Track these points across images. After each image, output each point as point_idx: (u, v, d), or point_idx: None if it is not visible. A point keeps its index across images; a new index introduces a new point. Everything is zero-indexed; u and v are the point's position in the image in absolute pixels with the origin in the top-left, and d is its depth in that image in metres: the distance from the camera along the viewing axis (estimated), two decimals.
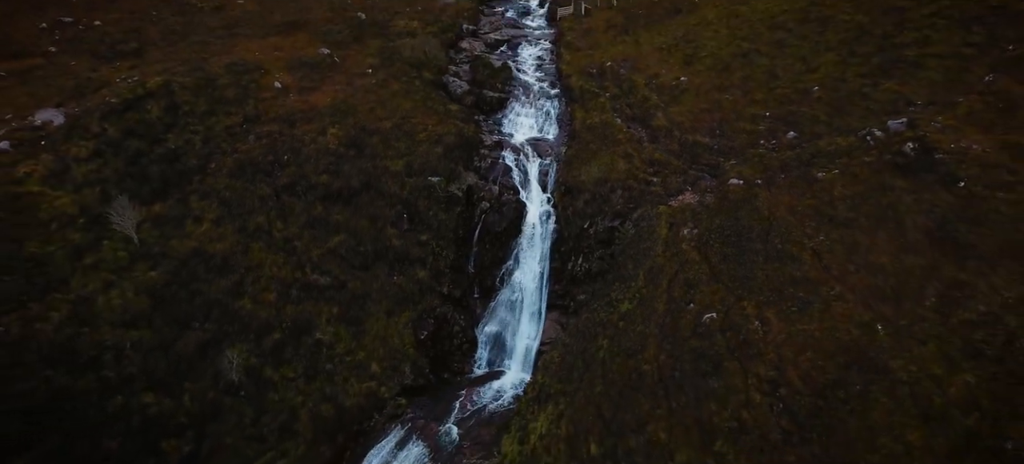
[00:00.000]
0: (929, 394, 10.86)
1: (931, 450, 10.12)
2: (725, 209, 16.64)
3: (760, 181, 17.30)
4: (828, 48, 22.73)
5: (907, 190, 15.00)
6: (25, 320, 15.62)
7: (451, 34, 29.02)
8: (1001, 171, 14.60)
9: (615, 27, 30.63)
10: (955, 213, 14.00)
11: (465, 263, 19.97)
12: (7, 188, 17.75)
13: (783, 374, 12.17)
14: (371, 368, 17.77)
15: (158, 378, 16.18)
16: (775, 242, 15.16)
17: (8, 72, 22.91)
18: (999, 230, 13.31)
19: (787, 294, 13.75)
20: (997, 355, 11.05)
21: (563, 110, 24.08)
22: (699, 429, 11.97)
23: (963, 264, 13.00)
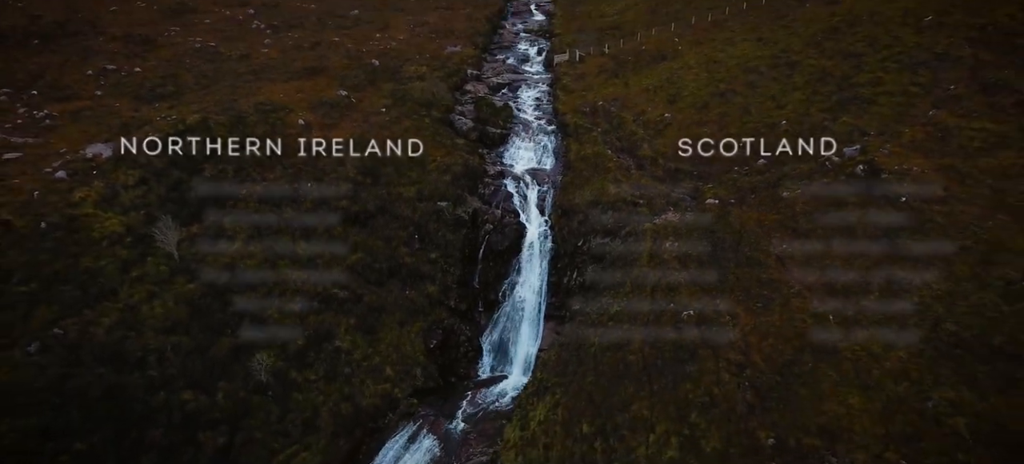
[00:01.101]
0: (868, 368, 12.75)
1: (867, 411, 11.94)
2: (702, 225, 18.79)
3: (733, 200, 19.54)
4: (795, 88, 25.45)
5: (857, 205, 17.23)
6: (81, 324, 17.51)
7: (457, 78, 31.91)
8: (935, 187, 16.87)
9: (606, 71, 33.61)
10: (895, 221, 16.18)
11: (471, 279, 21.99)
12: (65, 211, 19.91)
13: (748, 357, 14.05)
14: (385, 372, 19.53)
15: (195, 378, 17.93)
16: (745, 251, 17.26)
17: (61, 113, 25.50)
18: (932, 236, 15.46)
19: (754, 293, 15.76)
20: (925, 336, 13.01)
21: (559, 144, 26.60)
22: (676, 405, 13.75)
23: (902, 265, 15.08)
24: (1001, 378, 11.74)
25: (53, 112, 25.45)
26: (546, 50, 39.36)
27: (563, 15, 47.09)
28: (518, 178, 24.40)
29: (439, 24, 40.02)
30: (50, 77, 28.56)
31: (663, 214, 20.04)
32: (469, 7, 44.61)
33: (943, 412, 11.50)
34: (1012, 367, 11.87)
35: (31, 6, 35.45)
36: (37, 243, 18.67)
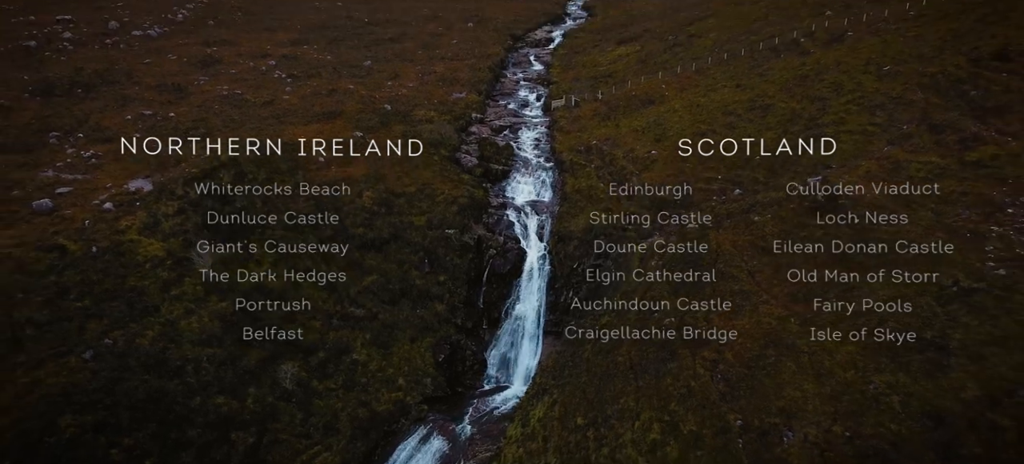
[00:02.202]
0: (822, 360, 14.76)
1: (819, 394, 13.89)
2: (683, 245, 21.04)
3: (712, 225, 21.86)
4: (768, 128, 28.19)
5: (818, 225, 19.54)
6: (128, 336, 19.52)
7: (462, 121, 34.80)
8: (884, 210, 19.21)
9: (599, 115, 36.57)
10: (850, 239, 18.45)
11: (476, 299, 24.07)
12: (112, 237, 22.21)
13: (721, 355, 16.06)
14: (398, 382, 21.39)
15: (227, 385, 19.81)
16: (720, 267, 19.44)
17: (105, 152, 28.16)
18: (879, 250, 17.70)
19: (728, 301, 17.85)
20: (870, 331, 15.06)
21: (556, 178, 29.16)
22: (659, 397, 15.66)
23: (854, 274, 17.25)
24: (930, 365, 13.75)
25: (98, 152, 28.14)
26: (544, 96, 42.56)
27: (560, 65, 50.69)
28: (519, 209, 26.83)
29: (446, 73, 43.41)
30: (93, 121, 31.43)
31: (649, 238, 22.33)
32: (473, 58, 48.23)
33: (882, 393, 13.47)
34: (940, 356, 13.89)
35: (74, 59, 38.84)
36: (89, 265, 20.88)
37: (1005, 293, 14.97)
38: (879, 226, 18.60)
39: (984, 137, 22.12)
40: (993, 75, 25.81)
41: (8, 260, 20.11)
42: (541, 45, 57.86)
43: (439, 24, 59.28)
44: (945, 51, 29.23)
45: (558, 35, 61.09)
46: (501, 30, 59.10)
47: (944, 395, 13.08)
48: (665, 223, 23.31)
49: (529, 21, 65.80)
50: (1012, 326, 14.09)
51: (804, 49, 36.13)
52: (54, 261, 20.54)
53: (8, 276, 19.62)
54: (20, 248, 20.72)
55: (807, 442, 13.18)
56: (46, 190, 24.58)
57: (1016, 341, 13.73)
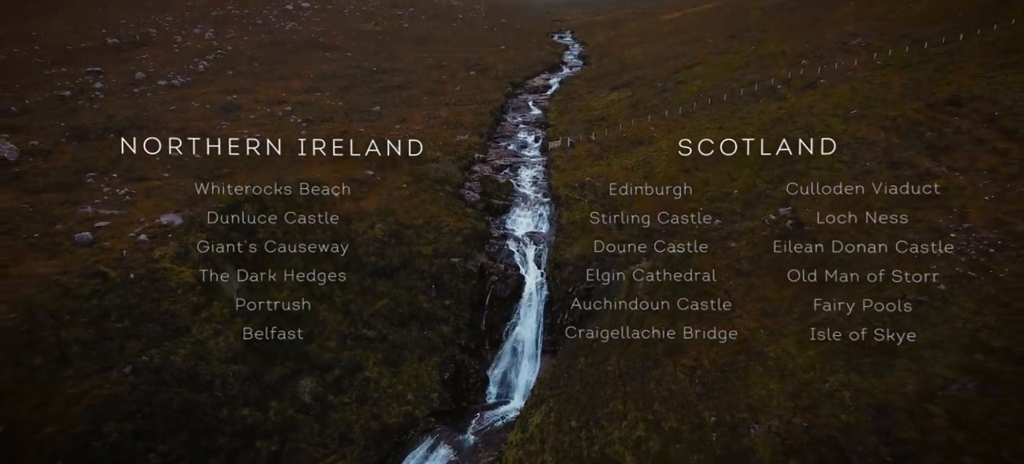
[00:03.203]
0: (785, 364, 16.72)
1: (782, 392, 15.81)
2: (668, 269, 23.20)
3: (693, 251, 24.08)
4: (747, 166, 30.72)
5: (786, 249, 21.76)
6: (162, 354, 21.46)
7: (466, 160, 37.48)
8: (845, 235, 21.47)
9: (593, 155, 39.30)
10: (814, 261, 20.63)
11: (478, 322, 26.03)
12: (148, 265, 24.38)
13: (699, 363, 18.01)
14: (407, 397, 23.15)
15: (252, 398, 21.61)
16: (701, 289, 21.56)
17: (137, 190, 30.63)
18: (839, 270, 19.84)
19: (705, 318, 19.90)
20: (829, 339, 17.07)
21: (552, 212, 31.55)
22: (644, 400, 17.51)
23: (816, 291, 19.36)
24: (878, 366, 15.72)
25: (132, 190, 30.60)
26: (542, 138, 45.49)
27: (557, 110, 53.97)
28: (518, 239, 29.08)
29: (450, 117, 46.50)
30: (125, 164, 34.04)
31: (638, 262, 24.50)
32: (475, 103, 51.50)
33: (835, 390, 15.39)
34: (886, 358, 15.87)
35: (106, 107, 41.93)
36: (128, 290, 22.98)
37: (944, 305, 17.08)
38: (840, 251, 20.81)
39: (936, 172, 24.59)
40: (946, 118, 28.57)
41: (56, 286, 22.22)
42: (539, 91, 61.41)
43: (443, 72, 63.06)
44: (906, 97, 32.16)
45: (555, 82, 64.78)
46: (501, 78, 62.82)
47: (888, 390, 15.01)
48: (651, 250, 25.53)
49: (528, 69, 69.76)
50: (948, 332, 16.14)
51: (781, 95, 39.19)
52: (96, 287, 22.64)
53: (56, 300, 21.71)
54: (66, 275, 22.86)
55: (770, 432, 15.02)
56: (86, 224, 26.85)
57: (951, 344, 15.77)
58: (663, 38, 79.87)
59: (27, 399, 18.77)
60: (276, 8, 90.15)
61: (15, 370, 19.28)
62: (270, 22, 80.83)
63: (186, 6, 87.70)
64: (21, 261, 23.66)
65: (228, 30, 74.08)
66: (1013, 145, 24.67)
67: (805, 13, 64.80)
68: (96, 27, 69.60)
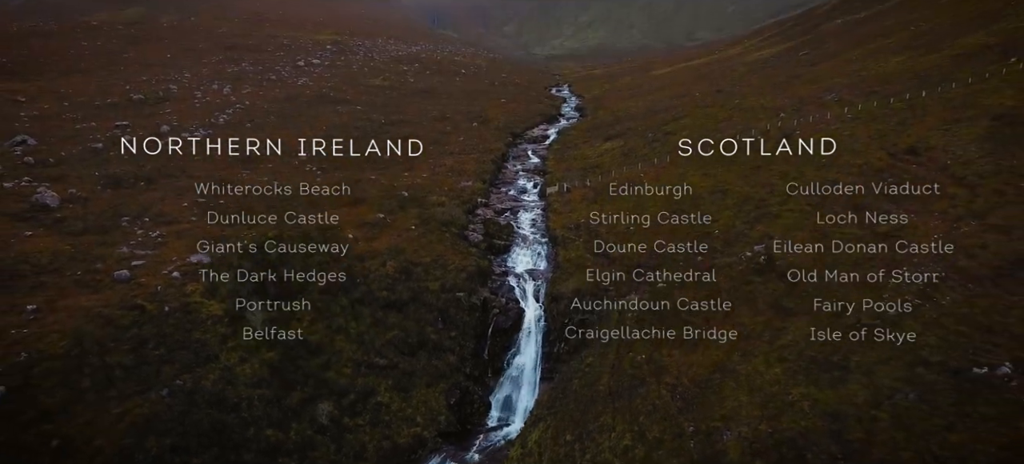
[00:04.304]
0: (754, 379, 18.93)
1: (751, 404, 17.97)
2: (653, 301, 25.57)
3: (676, 282, 26.51)
4: (726, 208, 33.54)
5: (759, 282, 24.23)
6: (194, 378, 23.59)
7: (470, 204, 40.36)
8: (811, 270, 23.99)
9: (587, 199, 42.20)
10: (783, 293, 23.07)
11: (482, 351, 28.18)
12: (181, 299, 26.76)
13: (680, 380, 20.19)
14: (416, 419, 25.10)
15: (275, 420, 23.59)
16: (682, 314, 23.91)
17: (168, 232, 33.31)
18: (806, 300, 22.27)
19: (686, 341, 22.18)
20: (793, 357, 19.33)
21: (550, 251, 34.14)
22: (630, 413, 19.60)
23: (785, 321, 21.72)
24: (834, 380, 17.94)
25: (163, 232, 33.28)
26: (540, 184, 48.59)
27: (554, 158, 57.39)
28: (518, 276, 31.56)
29: (454, 166, 49.76)
30: (155, 209, 36.85)
31: (627, 296, 26.89)
32: (478, 152, 54.95)
33: (796, 400, 17.57)
34: (842, 374, 18.11)
35: (136, 159, 45.22)
36: (163, 321, 25.30)
37: (893, 327, 19.44)
38: (806, 282, 23.30)
39: (894, 213, 27.33)
40: (905, 165, 31.62)
41: (99, 318, 24.58)
42: (538, 141, 65.15)
43: (447, 124, 66.98)
44: (871, 147, 35.35)
45: (553, 133, 68.64)
46: (502, 129, 66.71)
47: (841, 401, 17.22)
48: (639, 283, 27.97)
49: (527, 121, 73.88)
50: (895, 351, 18.46)
51: None
52: (135, 318, 24.99)
53: (101, 330, 24.05)
54: (108, 308, 25.24)
55: (740, 437, 17.11)
56: (123, 263, 29.37)
57: (897, 360, 18.06)
58: (654, 92, 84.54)
59: (78, 416, 20.89)
60: (289, 64, 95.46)
61: (67, 391, 21.46)
62: (284, 78, 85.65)
63: (203, 63, 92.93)
64: (68, 296, 26.12)
65: (244, 85, 78.65)
66: (961, 190, 27.54)
67: (786, 71, 69.39)
68: (120, 84, 74.02)
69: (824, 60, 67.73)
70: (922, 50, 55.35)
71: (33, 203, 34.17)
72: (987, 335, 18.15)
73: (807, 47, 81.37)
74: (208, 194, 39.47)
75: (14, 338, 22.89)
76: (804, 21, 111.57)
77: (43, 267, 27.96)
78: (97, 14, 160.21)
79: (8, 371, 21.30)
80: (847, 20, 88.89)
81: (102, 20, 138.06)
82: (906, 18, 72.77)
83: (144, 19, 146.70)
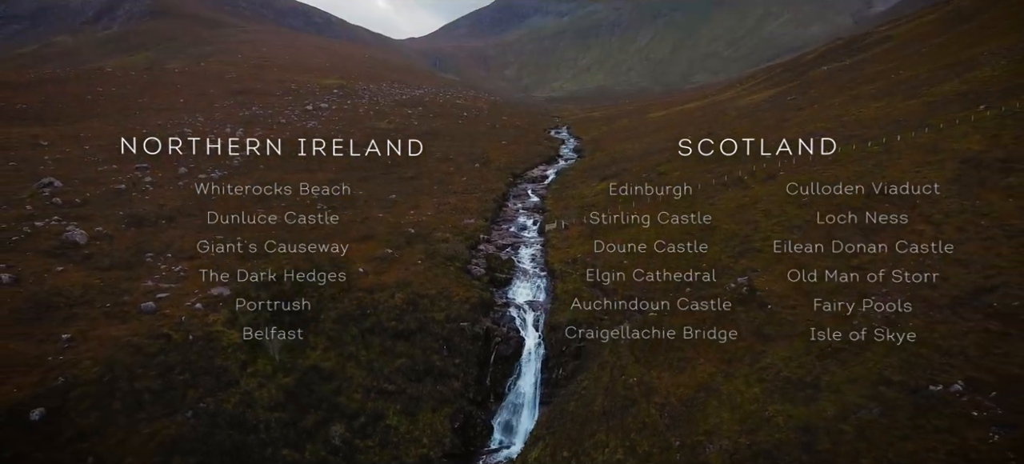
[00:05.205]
0: (736, 398, 20.70)
1: (732, 419, 19.70)
2: (645, 328, 27.46)
3: (666, 311, 28.44)
4: (714, 244, 35.74)
5: (742, 311, 26.18)
6: (216, 401, 25.30)
7: (472, 241, 42.56)
8: (790, 300, 25.99)
9: (584, 236, 44.43)
10: (764, 320, 25.00)
11: (484, 378, 29.84)
12: (203, 328, 28.66)
13: (668, 400, 21.92)
14: (423, 441, 26.60)
15: (291, 441, 25.14)
16: (671, 343, 25.76)
17: (190, 267, 35.42)
18: (784, 327, 24.19)
19: (675, 364, 23.99)
20: (771, 378, 21.15)
21: (549, 284, 36.13)
22: (623, 431, 21.26)
23: (765, 345, 23.59)
24: (806, 397, 19.73)
25: (185, 267, 35.40)
26: (540, 221, 50.91)
27: (553, 197, 59.95)
28: (519, 307, 33.46)
29: (458, 204, 52.25)
30: (177, 245, 39.07)
31: (620, 324, 28.78)
32: (480, 192, 57.54)
33: (772, 416, 19.32)
34: (813, 392, 19.91)
35: (156, 197, 47.74)
36: (187, 349, 27.18)
37: (861, 350, 21.34)
38: (784, 310, 25.28)
39: (866, 248, 29.48)
40: (878, 204, 33.92)
41: (129, 346, 26.48)
42: (537, 181, 67.90)
43: (450, 165, 69.88)
44: (848, 187, 37.78)
45: (552, 173, 71.48)
46: (503, 169, 69.58)
47: (812, 416, 18.99)
48: (632, 312, 29.88)
49: (527, 162, 76.89)
50: (862, 371, 20.30)
51: (746, 185, 45.00)
52: (162, 346, 26.88)
53: (131, 356, 25.92)
54: (136, 337, 27.16)
55: (721, 450, 18.80)
56: (149, 296, 31.40)
57: (863, 380, 19.89)
58: (650, 134, 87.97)
59: (110, 437, 22.57)
60: (297, 108, 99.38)
61: (100, 413, 23.20)
62: (293, 121, 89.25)
63: (215, 107, 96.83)
64: (99, 326, 28.07)
65: (255, 128, 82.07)
66: (928, 227, 29.75)
67: (773, 114, 72.82)
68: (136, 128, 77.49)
69: (809, 105, 71.18)
70: (900, 97, 58.67)
71: (63, 240, 36.45)
72: (944, 357, 20.04)
73: (794, 92, 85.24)
74: (226, 231, 41.77)
75: (51, 364, 24.79)
76: (793, 67, 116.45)
77: (75, 299, 29.99)
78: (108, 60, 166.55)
79: (47, 394, 23.12)
80: (832, 67, 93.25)
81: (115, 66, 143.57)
82: (886, 66, 76.80)
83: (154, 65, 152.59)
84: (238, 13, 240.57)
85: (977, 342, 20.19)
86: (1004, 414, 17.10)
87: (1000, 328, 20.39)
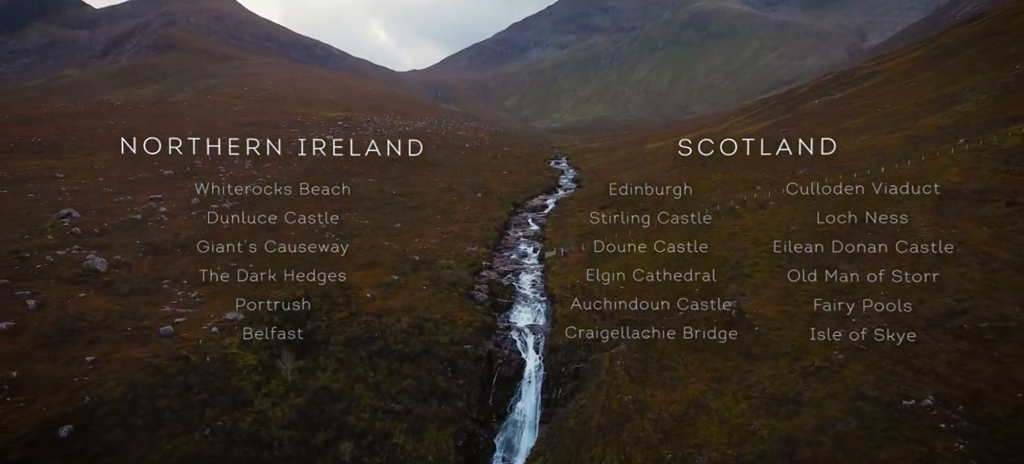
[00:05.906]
0: (724, 413, 22.05)
1: (721, 433, 21.03)
2: (640, 349, 28.88)
3: (660, 333, 29.89)
4: (706, 269, 37.36)
5: (730, 334, 27.65)
6: (232, 420, 26.60)
7: (475, 267, 44.18)
8: (776, 322, 27.48)
9: (582, 262, 46.07)
10: (751, 342, 26.45)
11: (487, 398, 31.09)
12: (220, 351, 30.10)
13: (661, 416, 23.26)
14: (428, 459, 27.76)
15: (302, 458, 26.35)
16: (664, 363, 27.17)
17: (205, 293, 37.01)
18: (770, 348, 25.64)
19: (667, 383, 25.36)
20: (757, 395, 22.53)
21: (548, 308, 37.63)
22: (618, 445, 22.55)
23: (752, 365, 25.02)
24: (789, 413, 21.11)
25: (200, 293, 36.99)
26: (539, 248, 52.60)
27: (553, 226, 61.80)
28: (520, 330, 34.91)
29: (461, 232, 54.05)
30: (192, 272, 40.72)
31: (616, 345, 30.19)
32: (482, 221, 59.42)
33: (758, 429, 20.67)
34: (796, 408, 21.29)
35: (170, 227, 49.60)
36: (205, 370, 28.59)
37: (841, 369, 22.78)
38: (770, 332, 26.76)
39: (849, 274, 31.10)
40: (862, 233, 35.68)
41: (149, 367, 27.90)
42: (537, 210, 69.85)
43: (453, 195, 71.96)
44: (834, 216, 39.58)
45: (551, 202, 73.48)
46: (504, 199, 71.63)
47: (795, 429, 20.36)
48: (628, 333, 31.32)
49: (528, 191, 79.02)
50: (842, 388, 21.72)
51: (738, 214, 46.84)
52: (181, 367, 28.30)
53: (152, 377, 27.33)
54: (156, 359, 28.59)
55: (710, 461, 20.12)
56: (167, 320, 32.90)
57: (842, 396, 21.29)
58: (647, 164, 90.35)
59: (133, 452, 23.88)
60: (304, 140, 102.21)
61: (124, 430, 24.53)
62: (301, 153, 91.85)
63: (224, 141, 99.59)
64: (120, 349, 29.52)
65: (264, 160, 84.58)
66: (907, 253, 31.42)
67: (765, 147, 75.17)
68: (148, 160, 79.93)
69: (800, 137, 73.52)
70: (885, 130, 61.08)
71: (84, 268, 38.13)
72: (917, 374, 21.49)
73: (787, 124, 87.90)
74: (239, 258, 43.46)
75: (77, 385, 26.19)
76: (786, 100, 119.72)
77: (98, 324, 31.50)
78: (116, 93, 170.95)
79: (75, 413, 24.48)
80: (823, 101, 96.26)
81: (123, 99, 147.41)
82: (874, 100, 79.60)
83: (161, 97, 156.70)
84: (243, 47, 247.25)
85: (947, 360, 21.66)
86: (969, 426, 18.51)
87: (969, 348, 21.87)
